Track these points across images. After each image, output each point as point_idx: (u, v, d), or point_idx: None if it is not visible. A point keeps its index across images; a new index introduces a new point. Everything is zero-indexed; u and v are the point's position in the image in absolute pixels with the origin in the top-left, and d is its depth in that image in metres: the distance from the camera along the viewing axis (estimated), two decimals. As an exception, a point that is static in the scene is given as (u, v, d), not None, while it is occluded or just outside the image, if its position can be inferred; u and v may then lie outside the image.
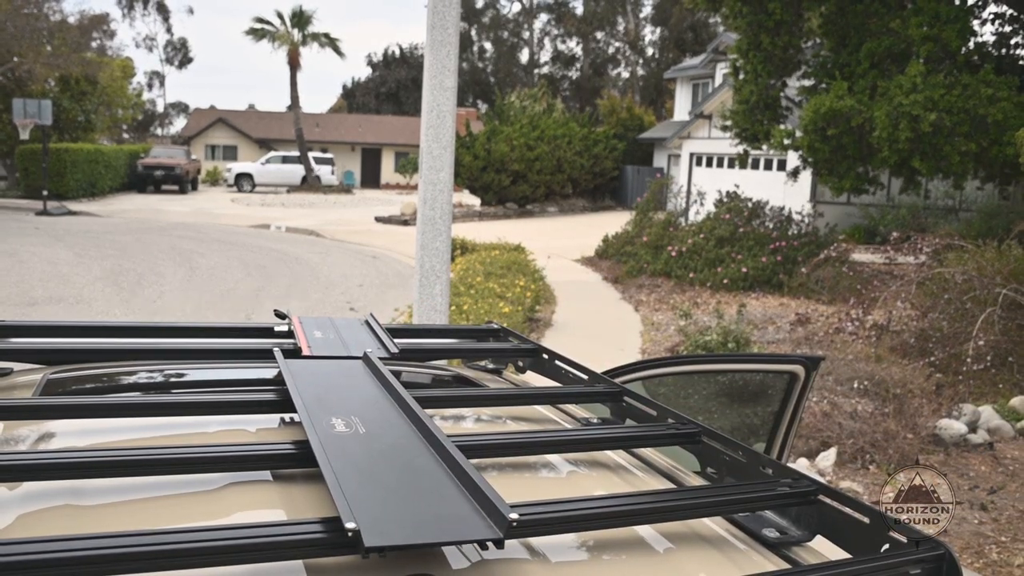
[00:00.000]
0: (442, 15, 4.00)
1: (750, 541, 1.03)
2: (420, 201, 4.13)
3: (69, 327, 1.66)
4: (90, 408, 1.16)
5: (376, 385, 1.28)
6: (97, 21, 24.41)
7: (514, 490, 0.93)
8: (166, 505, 0.93)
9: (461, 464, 0.93)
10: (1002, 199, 14.88)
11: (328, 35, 32.02)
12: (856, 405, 5.22)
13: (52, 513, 0.91)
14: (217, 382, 1.58)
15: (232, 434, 1.17)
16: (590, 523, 0.94)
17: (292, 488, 1.00)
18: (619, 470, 1.23)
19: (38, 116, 18.41)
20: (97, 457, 0.94)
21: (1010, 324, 6.35)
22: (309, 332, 1.59)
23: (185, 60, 50.13)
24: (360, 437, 1.03)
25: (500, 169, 22.50)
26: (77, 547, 0.72)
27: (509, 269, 9.99)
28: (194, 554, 0.74)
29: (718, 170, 20.08)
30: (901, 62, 9.54)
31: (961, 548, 3.66)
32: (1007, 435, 5.16)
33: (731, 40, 15.29)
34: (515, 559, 0.88)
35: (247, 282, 10.76)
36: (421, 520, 0.83)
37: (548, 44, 45.98)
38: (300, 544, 0.79)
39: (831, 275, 9.73)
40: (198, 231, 16.50)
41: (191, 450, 0.99)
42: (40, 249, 12.83)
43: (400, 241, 15.46)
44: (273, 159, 31.50)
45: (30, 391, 1.35)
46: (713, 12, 11.56)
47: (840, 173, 10.14)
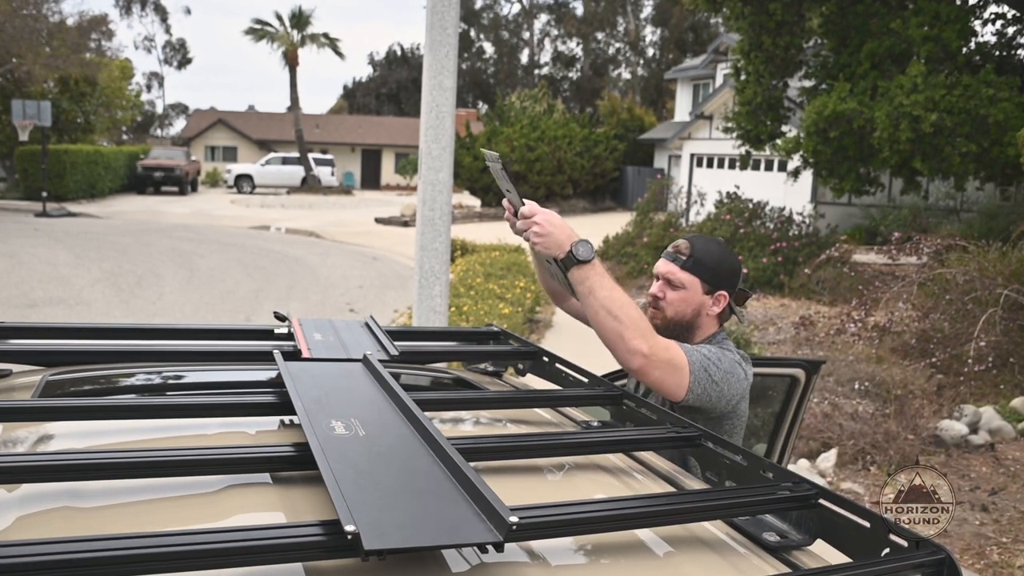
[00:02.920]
0: (441, 15, 3.99)
1: (750, 545, 1.03)
2: (419, 202, 4.13)
3: (68, 328, 1.65)
4: (89, 410, 1.16)
5: (376, 388, 1.28)
6: (96, 22, 24.39)
7: (514, 493, 0.93)
8: (165, 507, 0.93)
9: (461, 467, 0.93)
10: (1003, 200, 14.88)
11: (327, 35, 32.06)
12: (857, 406, 5.22)
13: (51, 515, 0.91)
14: (217, 384, 1.58)
15: (231, 436, 1.17)
16: (590, 527, 0.94)
17: (291, 491, 1.00)
18: (619, 473, 1.23)
19: (37, 117, 18.39)
20: (96, 459, 0.94)
21: (1011, 325, 6.35)
22: (309, 334, 1.59)
23: (184, 61, 50.14)
24: (360, 440, 1.03)
25: (500, 170, 22.48)
26: (76, 549, 0.72)
27: (509, 270, 9.99)
28: (193, 556, 0.74)
29: (719, 171, 20.08)
30: (902, 62, 9.54)
31: (962, 549, 3.66)
32: (1008, 436, 5.16)
33: (732, 41, 15.30)
34: (515, 562, 0.88)
35: (247, 283, 10.76)
36: (421, 523, 0.83)
37: (548, 45, 46.02)
38: (299, 547, 0.79)
39: (832, 276, 9.73)
40: (198, 232, 16.50)
41: (190, 452, 0.99)
42: (39, 251, 12.83)
43: (400, 242, 15.46)
44: (273, 160, 31.50)
45: (29, 392, 1.35)
46: (714, 13, 11.56)
47: (841, 174, 10.14)
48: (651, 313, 1.82)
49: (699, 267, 1.77)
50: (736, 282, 1.81)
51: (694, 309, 1.79)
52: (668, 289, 1.79)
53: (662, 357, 1.60)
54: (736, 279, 1.81)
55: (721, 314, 1.81)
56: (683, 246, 1.79)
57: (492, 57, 46.22)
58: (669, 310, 1.79)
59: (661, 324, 1.80)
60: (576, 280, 1.62)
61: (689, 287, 1.77)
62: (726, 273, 1.80)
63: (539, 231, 1.61)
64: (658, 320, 1.81)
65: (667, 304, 1.79)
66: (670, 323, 1.79)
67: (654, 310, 1.82)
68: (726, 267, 1.80)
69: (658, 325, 1.79)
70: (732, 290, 1.81)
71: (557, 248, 1.61)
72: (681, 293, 1.78)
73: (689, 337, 1.79)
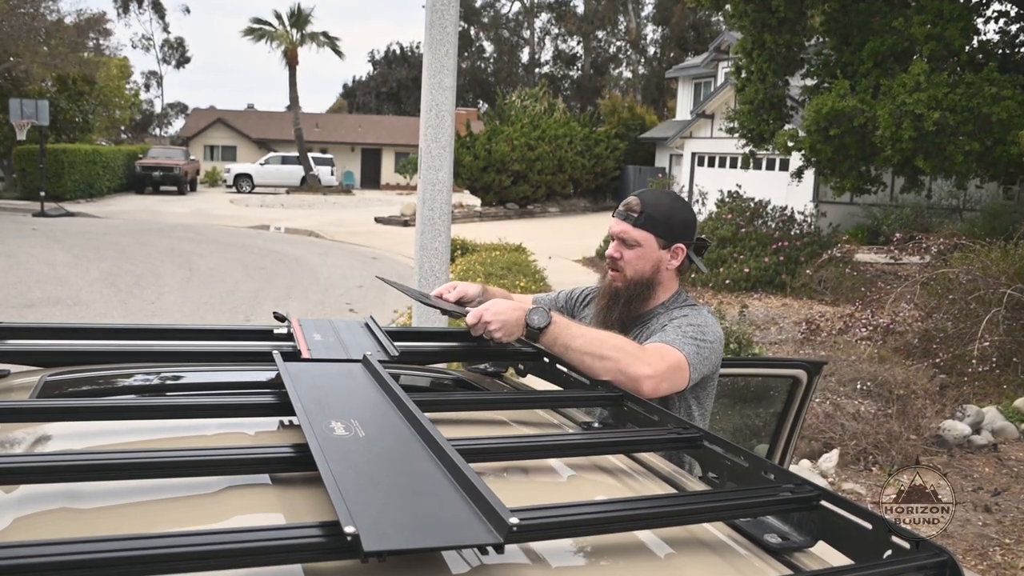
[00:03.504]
0: (440, 13, 3.99)
1: (751, 546, 1.02)
2: (419, 201, 4.12)
3: (66, 329, 1.65)
4: (87, 411, 1.15)
5: (376, 388, 1.27)
6: (94, 21, 24.36)
7: (514, 495, 0.92)
8: (164, 509, 0.93)
9: (461, 468, 0.93)
10: (1006, 198, 14.87)
11: (326, 34, 32.07)
12: (859, 406, 5.21)
13: (49, 516, 0.90)
14: (216, 385, 1.57)
15: (230, 437, 1.17)
16: (591, 528, 0.93)
17: (291, 492, 0.99)
18: (620, 474, 1.22)
19: (35, 117, 18.35)
20: (94, 460, 0.94)
21: (1015, 325, 6.34)
22: (308, 335, 1.58)
23: (183, 60, 50.11)
24: (360, 441, 1.02)
25: (501, 169, 22.49)
26: (74, 551, 0.71)
27: (510, 270, 9.99)
28: (192, 558, 0.73)
29: (720, 170, 20.07)
30: (904, 61, 9.53)
31: (964, 550, 3.65)
32: (1011, 436, 5.15)
33: (733, 39, 15.28)
34: (515, 564, 0.88)
35: (246, 283, 10.76)
36: (421, 524, 0.83)
37: (549, 43, 46.03)
38: (299, 548, 0.78)
39: (834, 276, 9.72)
40: (197, 232, 16.50)
41: (189, 453, 0.99)
42: (37, 250, 12.82)
43: (400, 242, 15.46)
44: (272, 159, 31.50)
45: (27, 393, 1.35)
46: (715, 11, 11.55)
47: (842, 173, 10.13)
48: (610, 276, 1.81)
49: (651, 222, 1.75)
50: (692, 232, 1.80)
51: (652, 265, 1.77)
52: (624, 248, 1.78)
53: (664, 368, 1.58)
54: (691, 229, 1.80)
55: (680, 267, 1.80)
56: (633, 203, 1.78)
57: (492, 56, 46.21)
58: (628, 270, 1.78)
59: (622, 286, 1.79)
60: (547, 345, 1.61)
61: (644, 244, 1.76)
62: (679, 225, 1.78)
63: (495, 326, 1.59)
64: (619, 282, 1.79)
65: (625, 264, 1.78)
66: (631, 283, 1.78)
67: (613, 272, 1.81)
68: (678, 219, 1.79)
69: (619, 287, 1.78)
70: (689, 241, 1.80)
71: (518, 329, 1.61)
72: (637, 251, 1.76)
73: (651, 294, 1.78)
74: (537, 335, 1.60)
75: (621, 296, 1.80)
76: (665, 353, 1.61)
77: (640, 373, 1.54)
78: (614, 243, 1.81)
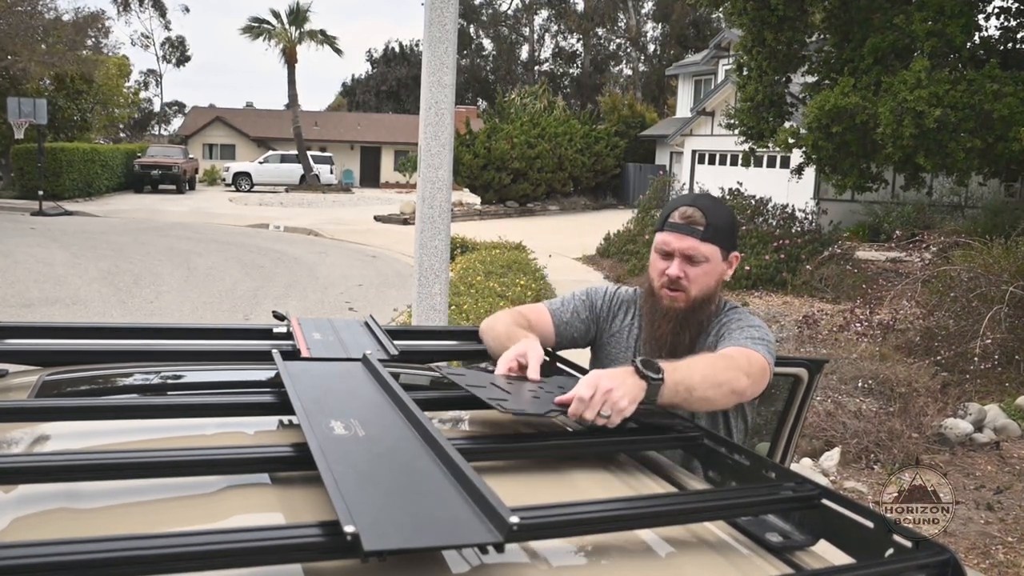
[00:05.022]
0: (440, 11, 3.98)
1: (753, 545, 1.02)
2: (419, 199, 4.12)
3: (65, 328, 1.65)
4: (86, 410, 1.15)
5: (375, 387, 1.27)
6: (92, 19, 24.33)
7: (514, 494, 0.92)
8: (163, 508, 0.93)
9: (461, 467, 0.93)
10: (1008, 195, 14.86)
11: (324, 32, 32.03)
12: (860, 404, 5.21)
13: (48, 516, 0.90)
14: (215, 384, 1.57)
15: (230, 437, 1.17)
16: (591, 527, 0.93)
17: (290, 491, 0.99)
18: (620, 473, 1.22)
19: (33, 115, 18.30)
20: (93, 460, 0.93)
21: (1017, 322, 6.33)
22: (308, 334, 1.58)
23: (182, 59, 50.04)
24: (359, 440, 1.02)
25: (500, 167, 22.49)
26: (73, 551, 0.71)
27: (510, 268, 9.97)
28: (191, 558, 0.73)
29: (721, 167, 20.07)
30: (905, 58, 9.52)
31: (967, 548, 3.64)
32: (1014, 434, 5.14)
33: (734, 36, 15.27)
34: (515, 563, 0.88)
35: (245, 282, 10.75)
36: (421, 524, 0.83)
37: (548, 41, 45.99)
38: (298, 548, 0.78)
39: (835, 273, 9.72)
40: (196, 231, 16.49)
41: (188, 453, 0.99)
42: (36, 250, 12.82)
43: (400, 240, 15.45)
44: (271, 158, 31.48)
45: (26, 393, 1.35)
46: (715, 8, 11.53)
47: (844, 171, 10.12)
48: (670, 297, 1.63)
49: (719, 235, 1.60)
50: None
51: (717, 280, 1.64)
52: (689, 267, 1.60)
53: (756, 371, 1.48)
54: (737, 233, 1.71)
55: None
56: (695, 215, 1.60)
57: (492, 54, 46.17)
58: (694, 289, 1.61)
59: (685, 306, 1.62)
60: (669, 397, 1.32)
61: (711, 258, 1.61)
62: (735, 232, 1.67)
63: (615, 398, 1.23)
64: (680, 303, 1.62)
65: (691, 283, 1.61)
66: (694, 302, 1.62)
67: (673, 292, 1.62)
68: (735, 225, 1.67)
69: (682, 309, 1.62)
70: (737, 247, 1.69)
71: (640, 391, 1.28)
72: (704, 267, 1.60)
73: (707, 308, 1.65)
74: (657, 388, 1.30)
75: (689, 319, 1.63)
76: (750, 356, 1.50)
77: (743, 387, 1.42)
78: (677, 261, 1.61)
